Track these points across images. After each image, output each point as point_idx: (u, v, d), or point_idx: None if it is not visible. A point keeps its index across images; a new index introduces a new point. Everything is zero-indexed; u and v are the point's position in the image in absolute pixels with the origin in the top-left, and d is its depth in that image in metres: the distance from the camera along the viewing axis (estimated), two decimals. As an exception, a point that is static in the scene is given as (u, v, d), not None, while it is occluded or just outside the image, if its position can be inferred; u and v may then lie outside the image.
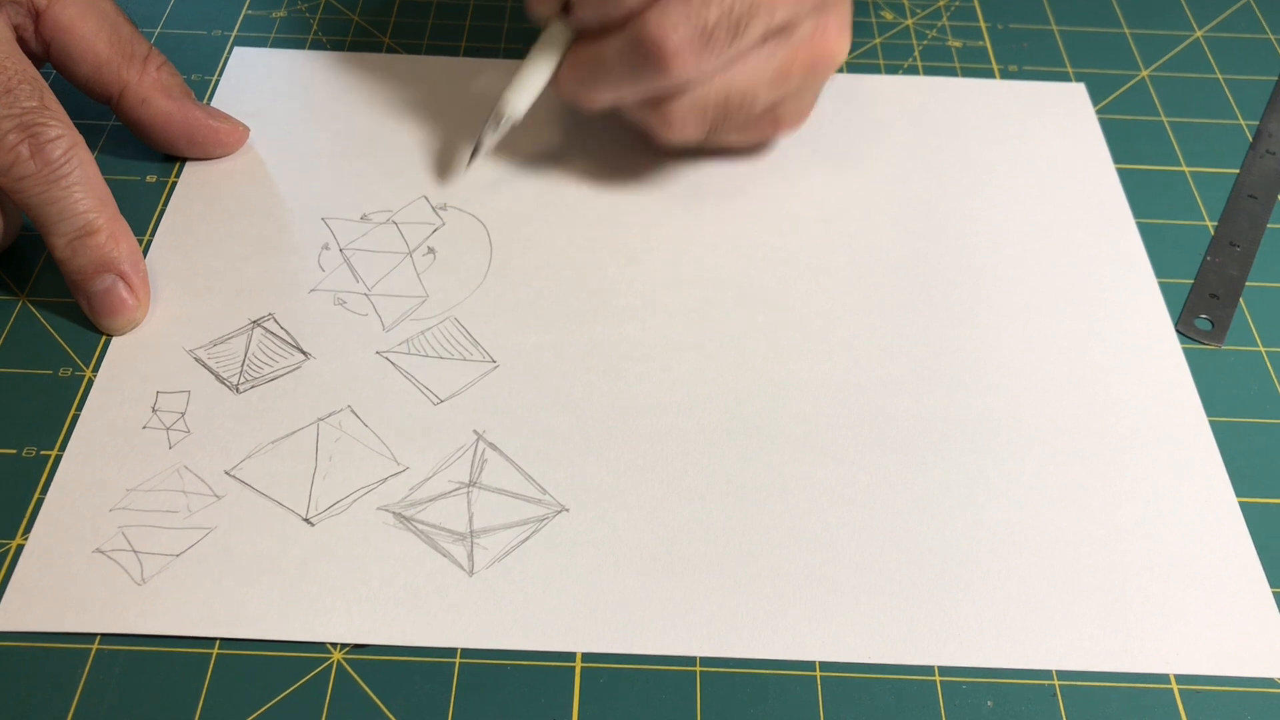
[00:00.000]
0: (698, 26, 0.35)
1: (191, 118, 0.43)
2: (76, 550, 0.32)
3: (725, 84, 0.37)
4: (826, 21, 0.38)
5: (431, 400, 0.36)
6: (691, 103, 0.37)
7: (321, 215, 0.42)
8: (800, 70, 0.38)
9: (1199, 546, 0.34)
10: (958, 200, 0.44)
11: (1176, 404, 0.37)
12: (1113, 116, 0.48)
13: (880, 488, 0.35)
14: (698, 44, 0.35)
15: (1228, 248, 0.43)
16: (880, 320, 0.39)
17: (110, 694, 0.30)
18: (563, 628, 0.31)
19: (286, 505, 0.34)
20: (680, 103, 0.37)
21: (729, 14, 0.35)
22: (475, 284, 0.40)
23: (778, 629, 0.32)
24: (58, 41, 0.41)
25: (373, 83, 0.47)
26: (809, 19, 0.37)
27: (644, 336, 0.38)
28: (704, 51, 0.35)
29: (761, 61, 0.37)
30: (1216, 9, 0.54)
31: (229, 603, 0.31)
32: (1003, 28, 0.52)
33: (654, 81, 0.36)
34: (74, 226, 0.37)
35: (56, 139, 0.36)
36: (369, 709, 0.30)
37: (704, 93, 0.37)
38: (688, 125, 0.38)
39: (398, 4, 0.52)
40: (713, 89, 0.37)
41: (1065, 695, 0.31)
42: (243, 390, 0.36)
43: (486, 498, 0.34)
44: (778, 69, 0.37)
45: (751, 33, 0.36)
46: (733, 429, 0.36)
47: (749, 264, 0.41)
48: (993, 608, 0.32)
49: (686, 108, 0.37)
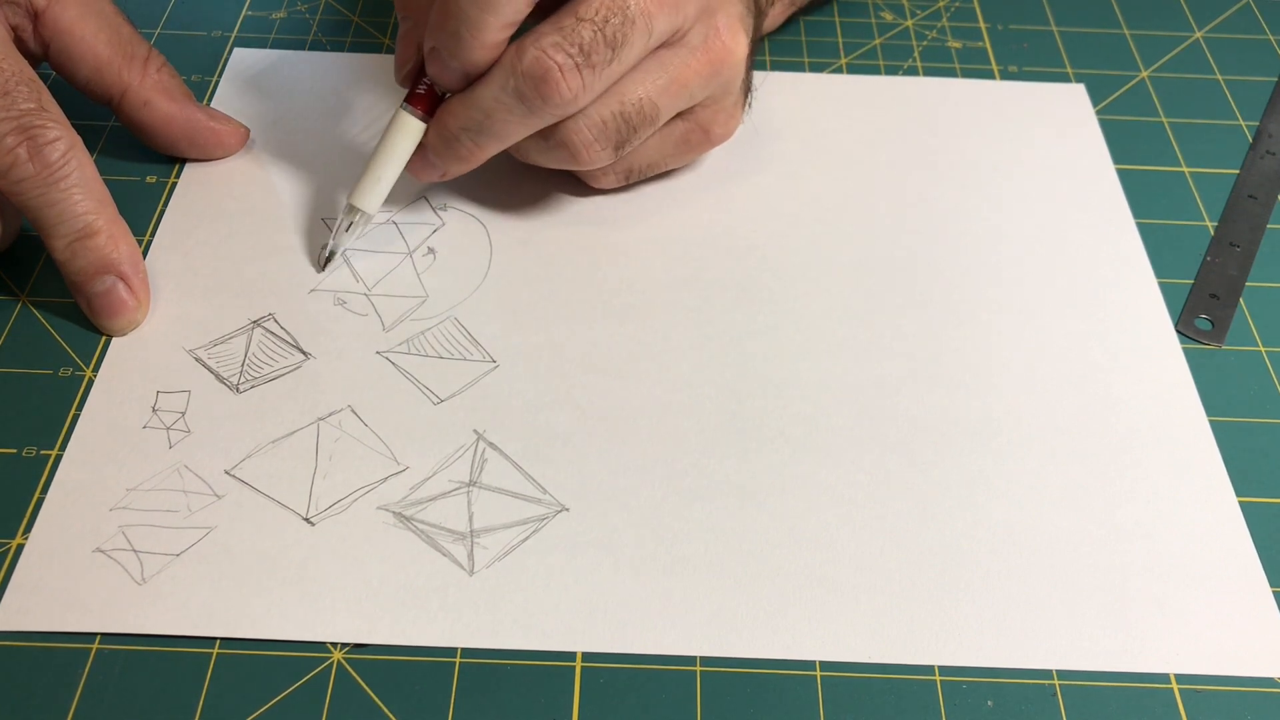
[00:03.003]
0: (575, 47, 0.34)
1: (193, 119, 0.43)
2: (76, 550, 0.32)
3: (617, 97, 0.37)
4: (716, 25, 0.37)
5: (431, 400, 0.36)
6: (588, 124, 0.37)
7: (321, 215, 0.42)
8: (699, 75, 0.37)
9: (1199, 546, 0.34)
10: (958, 200, 0.44)
11: (1176, 404, 0.37)
12: (1113, 117, 0.48)
13: (880, 488, 0.35)
14: (580, 63, 0.35)
15: (1228, 248, 0.43)
16: (880, 320, 0.39)
17: (110, 694, 0.30)
18: (563, 628, 0.31)
19: (286, 505, 0.34)
20: (576, 125, 0.37)
21: (603, 29, 0.35)
22: (475, 284, 0.40)
23: (778, 629, 0.32)
24: (57, 43, 0.41)
25: (373, 83, 0.47)
26: (697, 25, 0.37)
27: (644, 336, 0.38)
28: (588, 71, 0.35)
29: (652, 71, 0.37)
30: (1216, 9, 0.54)
31: (229, 602, 0.31)
32: (1003, 28, 0.52)
33: (545, 112, 0.36)
34: (73, 228, 0.37)
35: (55, 141, 0.36)
36: (369, 709, 0.30)
37: (598, 111, 0.37)
38: (592, 148, 0.37)
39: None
40: (606, 105, 0.37)
41: (1065, 695, 0.31)
42: (243, 390, 0.36)
43: (486, 497, 0.34)
44: (673, 77, 0.37)
45: (631, 46, 0.35)
46: (733, 429, 0.36)
47: (749, 264, 0.41)
48: (993, 608, 0.32)
49: (584, 129, 0.37)
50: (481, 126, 0.37)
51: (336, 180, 0.43)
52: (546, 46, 0.35)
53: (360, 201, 0.39)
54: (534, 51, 0.35)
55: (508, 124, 0.37)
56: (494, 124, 0.37)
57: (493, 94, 0.36)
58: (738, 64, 0.38)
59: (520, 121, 0.36)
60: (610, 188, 0.42)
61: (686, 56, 0.37)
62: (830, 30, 0.52)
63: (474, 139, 0.37)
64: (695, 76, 0.37)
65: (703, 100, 0.39)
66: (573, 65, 0.35)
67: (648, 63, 0.37)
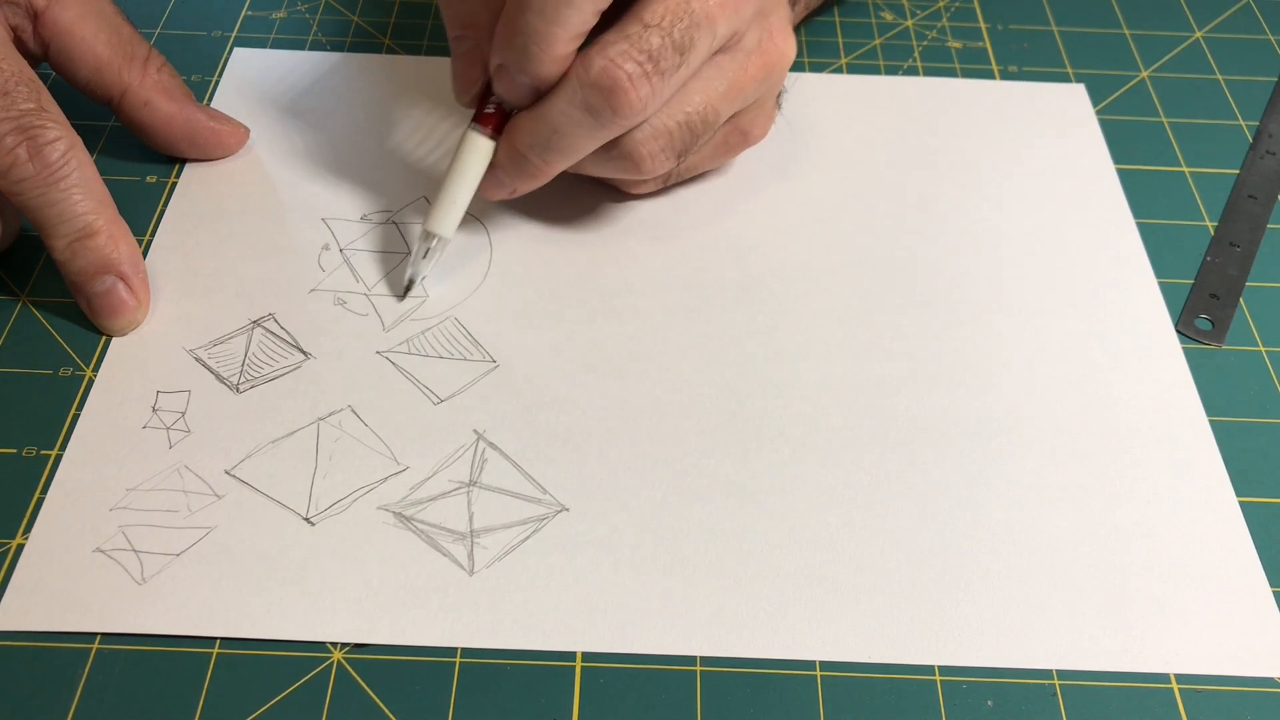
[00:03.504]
0: (644, 54, 0.34)
1: (193, 119, 0.43)
2: (76, 550, 0.32)
3: (682, 106, 0.36)
4: (770, 27, 0.37)
5: (431, 400, 0.36)
6: (654, 133, 0.36)
7: (321, 215, 0.42)
8: (754, 79, 0.37)
9: (1199, 546, 0.34)
10: (958, 200, 0.44)
11: (1176, 404, 0.37)
12: (1113, 117, 0.48)
13: (880, 488, 0.35)
14: (649, 71, 0.34)
15: (1228, 248, 0.43)
16: (880, 320, 0.39)
17: (110, 694, 0.30)
18: (563, 628, 0.31)
19: (287, 505, 0.34)
20: (642, 135, 0.36)
21: (670, 36, 0.34)
22: (475, 284, 0.40)
23: (778, 629, 0.32)
24: (57, 43, 0.41)
25: (373, 83, 0.47)
26: (753, 28, 0.37)
27: (644, 336, 0.38)
28: (657, 78, 0.34)
29: (713, 76, 0.37)
30: (1216, 9, 0.54)
31: (229, 602, 0.31)
32: (1003, 28, 0.52)
33: (614, 124, 0.35)
34: (73, 228, 0.37)
35: (55, 141, 0.36)
36: (369, 709, 0.30)
37: (662, 120, 0.36)
38: (657, 158, 0.37)
39: (398, 4, 0.52)
40: (670, 114, 0.36)
41: (1065, 695, 0.31)
42: (243, 390, 0.36)
43: (486, 497, 0.34)
44: (731, 81, 0.37)
45: (698, 51, 0.35)
46: (733, 429, 0.36)
47: (749, 264, 0.41)
48: (993, 608, 0.32)
49: (650, 139, 0.36)
50: (550, 142, 0.36)
51: (337, 180, 0.43)
52: (614, 55, 0.34)
53: (437, 227, 0.38)
54: (601, 61, 0.34)
55: (577, 138, 0.36)
56: (563, 139, 0.36)
57: (561, 108, 0.35)
58: (787, 66, 0.38)
59: (589, 134, 0.36)
60: (649, 193, 0.42)
61: (744, 60, 0.37)
62: (830, 30, 0.52)
63: (542, 155, 0.37)
64: (751, 80, 0.37)
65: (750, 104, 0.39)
66: (642, 74, 0.34)
67: (707, 68, 0.36)
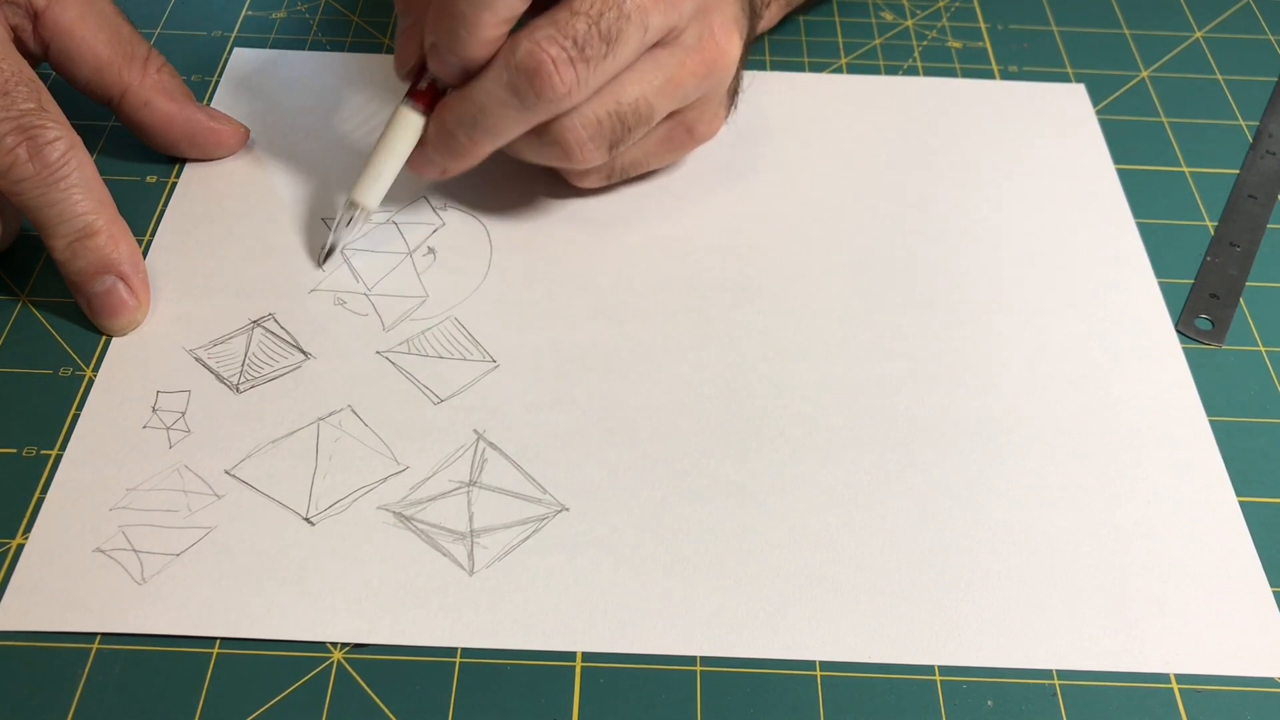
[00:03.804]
0: (569, 40, 0.34)
1: (192, 119, 0.43)
2: (76, 550, 0.32)
3: (614, 95, 0.36)
4: (711, 24, 0.37)
5: (431, 400, 0.36)
6: (583, 122, 0.37)
7: (321, 215, 0.42)
8: (693, 75, 0.37)
9: (1199, 546, 0.34)
10: (958, 200, 0.44)
11: (1176, 404, 0.37)
12: (1113, 117, 0.48)
13: (880, 488, 0.35)
14: (574, 56, 0.35)
15: (1228, 248, 0.43)
16: (880, 320, 0.39)
17: (110, 694, 0.30)
18: (563, 628, 0.31)
19: (286, 505, 0.34)
20: (570, 123, 0.36)
21: (597, 24, 0.34)
22: (475, 284, 0.40)
23: (778, 629, 0.32)
24: (57, 43, 0.41)
25: (373, 82, 0.47)
26: (692, 25, 0.37)
27: (644, 336, 0.38)
28: (581, 65, 0.35)
29: (648, 70, 0.37)
30: (1216, 9, 0.54)
31: (229, 602, 0.31)
32: (1003, 28, 0.52)
33: (538, 107, 0.36)
34: (73, 228, 0.37)
35: (55, 141, 0.36)
36: (369, 709, 0.30)
37: (592, 109, 0.36)
38: (585, 147, 0.37)
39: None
40: (601, 104, 0.36)
41: (1065, 695, 0.31)
42: (243, 390, 0.36)
43: (486, 497, 0.34)
44: (668, 77, 0.37)
45: (626, 42, 0.35)
46: (733, 429, 0.36)
47: (748, 264, 0.41)
48: (993, 608, 0.32)
49: (578, 128, 0.37)
50: (477, 121, 0.37)
51: (336, 180, 0.43)
52: (540, 39, 0.35)
53: (360, 197, 0.39)
54: (527, 45, 0.35)
55: (503, 119, 0.36)
56: (489, 119, 0.36)
57: (488, 88, 0.36)
58: (730, 65, 0.38)
59: (515, 116, 0.36)
60: (594, 187, 0.42)
61: (682, 56, 0.37)
62: (830, 30, 0.52)
63: (470, 134, 0.37)
64: (690, 76, 0.37)
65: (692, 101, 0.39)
66: (566, 59, 0.34)
67: (642, 62, 0.37)
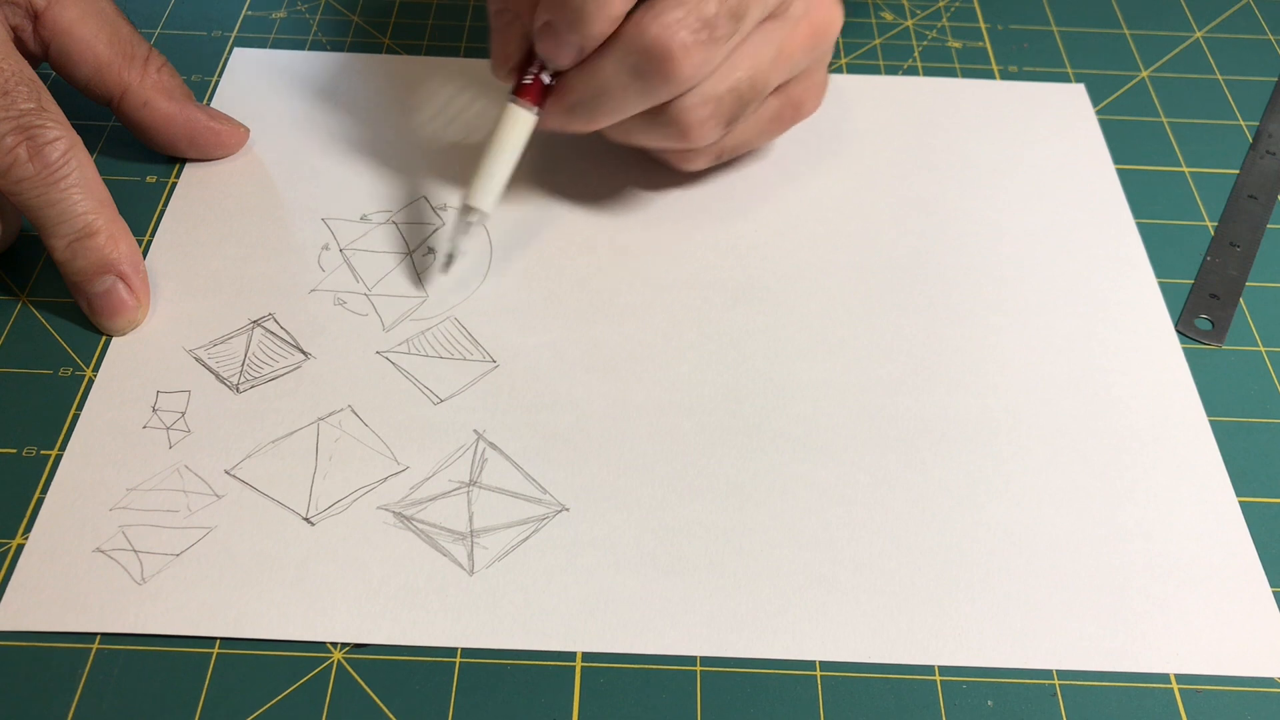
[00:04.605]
0: (700, 22, 0.33)
1: (192, 119, 0.43)
2: (76, 550, 0.32)
3: (731, 73, 0.36)
4: None
5: (431, 400, 0.36)
6: (702, 99, 0.36)
7: (321, 215, 0.42)
8: (802, 46, 0.37)
9: (1199, 546, 0.34)
10: (958, 200, 0.44)
11: (1176, 404, 0.37)
12: (1113, 117, 0.48)
13: (880, 488, 0.35)
14: (703, 39, 0.34)
15: (1228, 248, 0.43)
16: (880, 320, 0.39)
17: (110, 694, 0.30)
18: (563, 628, 0.31)
19: (286, 505, 0.34)
20: (690, 102, 0.36)
21: (726, 2, 0.34)
22: (475, 284, 0.40)
23: (778, 629, 0.32)
24: (57, 43, 0.40)
25: (373, 83, 0.47)
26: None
27: (644, 336, 0.38)
28: (710, 46, 0.34)
29: (761, 43, 0.36)
30: (1216, 9, 0.54)
31: (229, 602, 0.31)
32: (1003, 28, 0.52)
33: (664, 90, 0.35)
34: (73, 228, 0.37)
35: (55, 141, 0.36)
36: (369, 709, 0.30)
37: (711, 86, 0.36)
38: (705, 125, 0.36)
39: (398, 4, 0.52)
40: (719, 81, 0.36)
41: (1065, 695, 0.31)
42: (243, 390, 0.36)
43: (486, 497, 0.34)
44: (779, 49, 0.37)
45: (751, 17, 0.35)
46: (733, 429, 0.36)
47: (748, 264, 0.41)
48: (993, 608, 0.32)
49: (699, 105, 0.36)
50: (597, 103, 0.36)
51: (337, 180, 0.43)
52: (670, 23, 0.33)
53: (477, 201, 0.38)
54: (656, 28, 0.33)
55: (623, 100, 0.36)
56: (609, 100, 0.36)
57: (610, 71, 0.35)
58: (835, 32, 0.38)
59: (636, 99, 0.35)
60: (702, 168, 0.42)
61: (791, 27, 0.37)
62: (830, 30, 0.52)
63: (588, 115, 0.36)
64: (799, 48, 0.37)
65: (799, 74, 0.39)
66: (697, 42, 0.33)
67: (756, 34, 0.36)
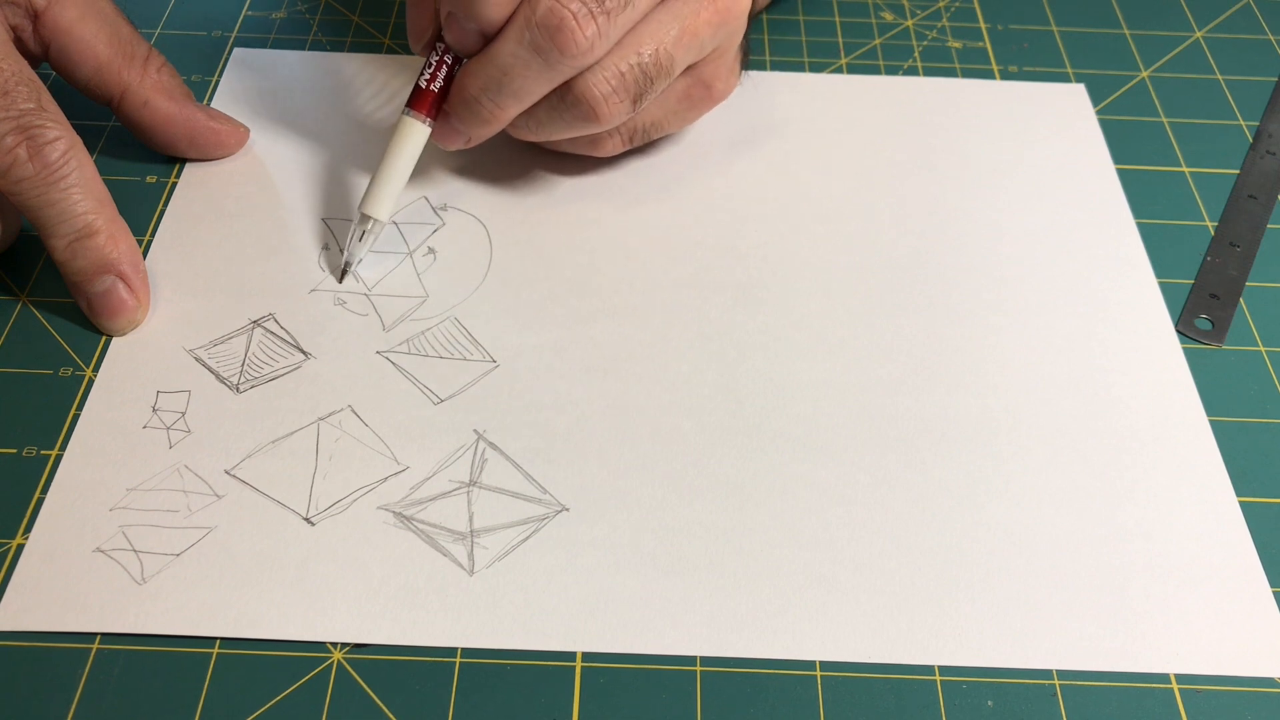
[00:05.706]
0: None
1: (192, 119, 0.43)
2: (76, 550, 0.32)
3: (634, 48, 0.37)
4: None
5: (431, 400, 0.36)
6: (605, 76, 0.37)
7: (321, 215, 0.42)
8: (708, 24, 0.38)
9: (1199, 546, 0.34)
10: (958, 200, 0.44)
11: (1176, 404, 0.37)
12: (1113, 117, 0.48)
13: (880, 488, 0.35)
14: (594, 11, 0.35)
15: (1228, 248, 0.43)
16: (880, 320, 0.39)
17: (110, 694, 0.30)
18: (563, 628, 0.31)
19: (286, 505, 0.34)
20: (594, 78, 0.37)
21: None
22: (475, 284, 0.40)
23: (778, 629, 0.32)
24: (57, 43, 0.41)
25: (373, 83, 0.47)
26: None
27: (644, 336, 0.38)
28: (602, 18, 0.35)
29: (664, 20, 0.37)
30: (1216, 9, 0.54)
31: (229, 602, 0.31)
32: (1003, 28, 0.52)
33: (562, 64, 0.36)
34: (73, 228, 0.37)
35: (55, 141, 0.36)
36: (369, 709, 0.30)
37: (613, 62, 0.37)
38: (610, 101, 0.37)
39: (398, 4, 0.52)
40: (622, 56, 0.37)
41: (1065, 695, 0.31)
42: (243, 390, 0.36)
43: (486, 497, 0.34)
44: (683, 26, 0.37)
45: None
46: (733, 429, 0.36)
47: (748, 264, 0.41)
48: (993, 608, 0.32)
49: (602, 82, 0.37)
50: (501, 85, 0.37)
51: (337, 180, 0.43)
52: None
53: (371, 209, 0.39)
54: (548, 2, 0.35)
55: (526, 79, 0.36)
56: (513, 81, 0.37)
57: (510, 50, 0.36)
58: (743, 14, 0.39)
59: (538, 76, 0.36)
60: (615, 153, 0.42)
61: (696, 6, 0.37)
62: (830, 30, 0.52)
63: (494, 99, 0.37)
64: (705, 26, 0.38)
65: (707, 55, 0.39)
66: (587, 12, 0.35)
67: (658, 13, 0.37)
